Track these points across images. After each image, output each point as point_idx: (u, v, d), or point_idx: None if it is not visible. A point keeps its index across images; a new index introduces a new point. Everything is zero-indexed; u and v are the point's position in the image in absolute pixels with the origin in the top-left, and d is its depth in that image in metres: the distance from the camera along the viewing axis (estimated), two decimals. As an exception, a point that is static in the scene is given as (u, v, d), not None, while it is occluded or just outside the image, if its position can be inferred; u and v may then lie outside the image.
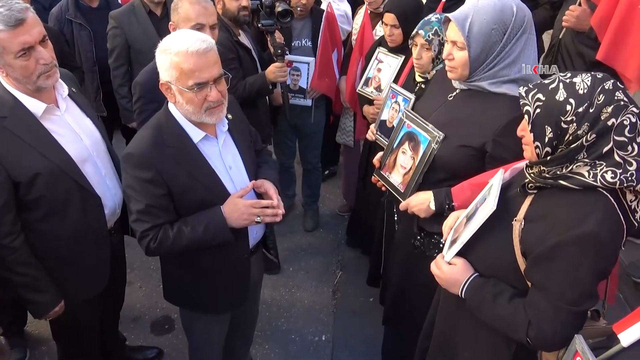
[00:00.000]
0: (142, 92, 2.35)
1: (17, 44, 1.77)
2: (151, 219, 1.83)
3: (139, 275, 3.60)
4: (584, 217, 1.33)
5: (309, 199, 4.20)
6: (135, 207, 1.84)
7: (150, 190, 1.81)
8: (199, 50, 1.71)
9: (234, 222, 1.87)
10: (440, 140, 1.94)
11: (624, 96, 1.32)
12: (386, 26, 2.91)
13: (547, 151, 1.38)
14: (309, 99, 3.61)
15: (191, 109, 1.79)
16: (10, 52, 1.78)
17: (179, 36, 1.75)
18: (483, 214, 1.51)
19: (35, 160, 1.89)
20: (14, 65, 1.82)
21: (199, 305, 2.16)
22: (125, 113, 3.60)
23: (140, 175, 1.80)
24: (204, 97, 1.76)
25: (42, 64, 1.85)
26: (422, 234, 2.13)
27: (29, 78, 1.85)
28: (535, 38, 1.88)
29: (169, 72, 1.74)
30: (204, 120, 1.82)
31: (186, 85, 1.73)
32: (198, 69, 1.71)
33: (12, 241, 1.92)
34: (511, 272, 1.49)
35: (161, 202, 1.84)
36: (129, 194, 1.85)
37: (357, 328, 3.22)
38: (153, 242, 1.84)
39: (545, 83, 1.39)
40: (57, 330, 2.38)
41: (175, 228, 1.85)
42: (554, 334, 1.40)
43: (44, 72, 1.87)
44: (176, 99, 1.80)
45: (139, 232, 1.85)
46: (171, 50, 1.71)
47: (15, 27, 1.75)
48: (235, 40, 3.06)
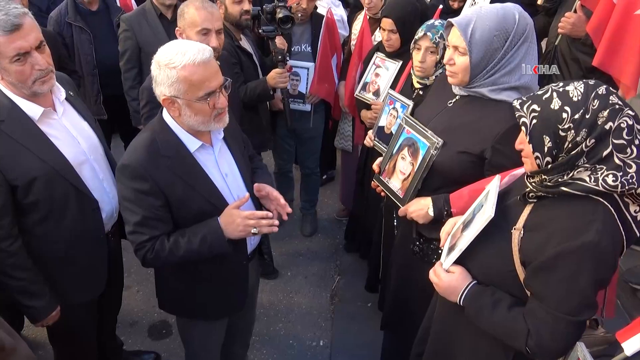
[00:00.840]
0: (150, 97, 2.34)
1: (13, 49, 1.77)
2: (148, 230, 1.81)
3: (136, 279, 3.59)
4: (584, 227, 1.33)
5: (307, 203, 4.20)
6: (131, 219, 1.81)
7: (147, 202, 1.79)
8: (204, 60, 1.70)
9: (230, 234, 1.86)
10: (439, 146, 1.95)
11: (618, 100, 1.33)
12: (384, 31, 2.92)
13: (548, 161, 1.38)
14: (308, 104, 3.61)
15: (201, 118, 1.77)
16: (5, 56, 1.78)
17: (178, 49, 1.72)
18: (481, 221, 1.51)
19: (32, 163, 1.88)
20: (9, 70, 1.82)
21: (197, 313, 2.15)
22: (135, 115, 3.61)
23: (136, 186, 1.78)
24: (214, 105, 1.76)
25: (38, 69, 1.85)
26: (421, 239, 2.13)
27: (24, 83, 1.85)
28: (536, 47, 1.89)
29: (175, 87, 1.71)
30: (213, 127, 1.82)
31: (196, 96, 1.71)
32: (207, 78, 1.71)
33: (9, 245, 1.92)
34: (510, 281, 1.49)
35: (158, 213, 1.82)
36: (126, 205, 1.83)
37: (355, 333, 3.22)
38: (150, 253, 1.82)
39: (539, 94, 1.40)
40: (54, 333, 2.37)
41: (172, 240, 1.83)
42: (553, 343, 1.40)
43: (39, 78, 1.87)
44: (181, 112, 1.77)
45: (135, 244, 1.83)
46: (176, 64, 1.68)
47: (11, 32, 1.75)
48: (237, 45, 3.06)
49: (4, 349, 1.27)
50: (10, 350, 1.28)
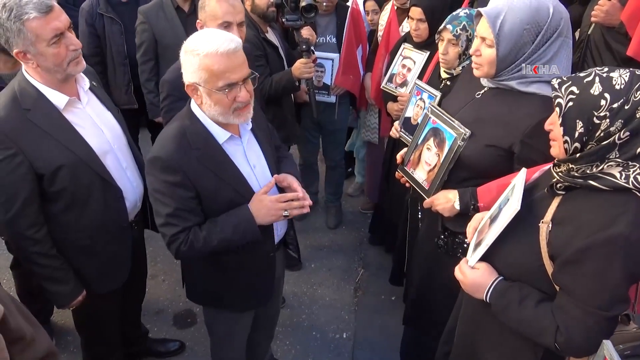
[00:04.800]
0: (170, 90, 2.35)
1: (50, 30, 1.78)
2: (180, 222, 1.81)
3: (162, 268, 3.64)
4: (614, 219, 1.28)
5: (332, 196, 4.18)
6: (163, 211, 1.81)
7: (179, 194, 1.79)
8: (228, 50, 1.68)
9: (262, 220, 1.85)
10: (466, 137, 1.90)
11: None
12: (412, 20, 2.87)
13: (576, 147, 1.33)
14: (333, 95, 3.59)
15: (220, 110, 1.76)
16: (43, 39, 1.79)
17: (206, 36, 1.71)
18: (507, 215, 1.46)
19: (58, 152, 1.91)
20: (47, 54, 1.82)
21: (224, 304, 2.15)
22: (151, 107, 3.63)
23: (167, 178, 1.78)
24: (234, 98, 1.74)
25: (72, 49, 1.86)
26: (446, 233, 2.09)
27: (60, 66, 1.86)
28: (572, 41, 1.80)
29: (198, 74, 1.70)
30: (232, 121, 1.80)
31: (216, 86, 1.70)
32: (228, 70, 1.69)
33: (35, 232, 1.95)
34: (538, 276, 1.45)
35: (190, 205, 1.82)
36: (157, 197, 1.83)
37: (378, 326, 3.20)
38: (184, 245, 1.82)
39: (581, 76, 1.34)
40: (79, 320, 2.42)
41: (205, 230, 1.83)
42: (584, 339, 1.35)
43: (73, 59, 1.88)
44: (203, 101, 1.77)
45: (168, 237, 1.83)
46: (199, 51, 1.67)
47: (47, 14, 1.77)
48: (263, 37, 3.06)
49: (25, 338, 1.28)
50: (30, 339, 1.30)
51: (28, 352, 1.30)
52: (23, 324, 1.29)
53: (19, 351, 1.27)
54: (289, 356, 3.02)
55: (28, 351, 1.30)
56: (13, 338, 1.24)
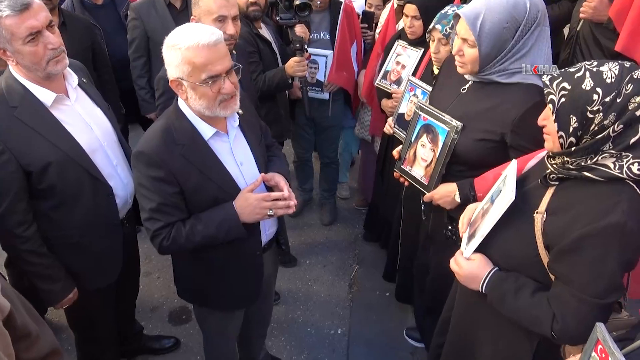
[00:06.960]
0: (166, 87, 2.34)
1: (25, 28, 1.77)
2: (164, 217, 1.81)
3: (157, 266, 3.63)
4: (610, 208, 1.30)
5: (326, 192, 4.19)
6: (147, 206, 1.81)
7: (162, 189, 1.79)
8: (209, 43, 1.67)
9: (246, 217, 1.85)
10: (459, 129, 1.92)
11: None
12: (407, 17, 2.88)
13: (571, 141, 1.35)
14: (326, 92, 3.59)
15: (205, 103, 1.75)
16: (18, 37, 1.77)
17: (186, 30, 1.72)
18: (502, 206, 1.48)
19: (46, 149, 1.89)
20: (23, 52, 1.81)
21: (212, 303, 2.15)
22: (143, 104, 3.60)
23: (151, 173, 1.78)
24: (218, 90, 1.73)
25: (51, 48, 1.84)
26: (453, 223, 2.10)
27: (38, 65, 1.84)
28: (549, 30, 1.84)
29: (180, 68, 1.70)
30: (218, 113, 1.79)
31: (199, 79, 1.70)
32: (211, 62, 1.68)
33: (24, 230, 1.94)
34: (533, 266, 1.47)
35: (173, 201, 1.81)
36: (141, 192, 1.83)
37: (373, 322, 3.21)
38: (166, 240, 1.82)
39: (571, 71, 1.35)
40: (72, 318, 2.41)
41: (188, 226, 1.83)
42: (580, 327, 1.37)
43: (52, 58, 1.86)
44: (188, 96, 1.76)
45: (151, 231, 1.83)
46: (181, 45, 1.68)
47: (21, 12, 1.75)
48: (256, 33, 3.05)
49: (30, 336, 1.28)
50: (35, 337, 1.30)
51: (33, 350, 1.30)
52: (28, 321, 1.29)
53: (24, 349, 1.27)
54: (284, 352, 3.03)
55: (33, 349, 1.30)
56: (19, 335, 1.24)
